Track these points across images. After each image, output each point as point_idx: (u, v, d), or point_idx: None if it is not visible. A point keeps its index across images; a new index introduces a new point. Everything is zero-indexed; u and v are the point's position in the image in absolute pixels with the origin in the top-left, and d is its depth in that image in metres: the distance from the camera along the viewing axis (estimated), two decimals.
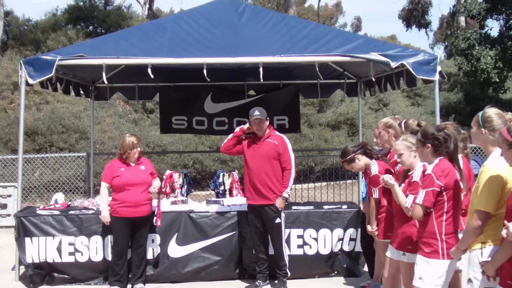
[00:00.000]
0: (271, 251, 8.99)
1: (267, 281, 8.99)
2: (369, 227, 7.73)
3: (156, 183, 9.06)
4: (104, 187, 8.89)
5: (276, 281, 8.90)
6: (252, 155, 8.83)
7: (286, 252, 8.96)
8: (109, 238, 9.06)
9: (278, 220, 8.76)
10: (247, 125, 8.93)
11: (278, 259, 8.88)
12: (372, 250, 8.22)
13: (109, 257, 9.04)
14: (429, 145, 5.72)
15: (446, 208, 5.57)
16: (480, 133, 5.17)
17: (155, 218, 8.99)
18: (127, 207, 8.70)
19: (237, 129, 9.03)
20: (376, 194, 7.42)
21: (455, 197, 5.62)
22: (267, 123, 8.87)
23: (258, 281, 8.94)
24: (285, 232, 8.94)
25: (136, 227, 8.85)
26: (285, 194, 8.74)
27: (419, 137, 5.83)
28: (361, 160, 7.89)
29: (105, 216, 8.79)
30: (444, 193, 5.54)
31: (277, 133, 9.00)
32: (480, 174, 4.99)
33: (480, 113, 5.23)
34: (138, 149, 8.90)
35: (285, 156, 8.77)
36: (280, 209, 8.75)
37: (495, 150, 5.01)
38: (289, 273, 8.90)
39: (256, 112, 8.76)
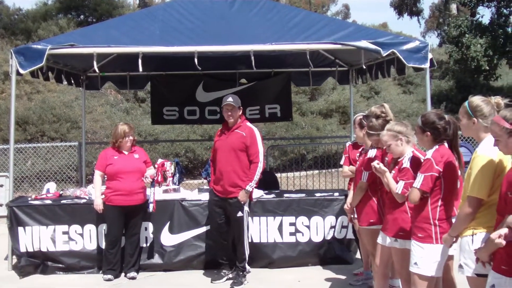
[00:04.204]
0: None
1: (233, 269, 8.88)
2: (346, 206, 7.81)
3: (151, 171, 9.09)
4: (97, 175, 8.93)
5: (235, 273, 8.77)
6: (220, 146, 8.66)
7: (247, 247, 8.73)
8: (103, 227, 9.08)
9: (240, 214, 8.54)
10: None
11: (239, 254, 8.72)
12: None
13: (103, 246, 9.07)
14: (429, 133, 5.75)
15: (442, 194, 5.61)
16: (472, 123, 5.16)
17: (150, 204, 8.96)
18: (120, 195, 8.75)
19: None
20: (365, 178, 7.38)
21: (451, 183, 5.65)
22: (240, 112, 8.70)
23: (224, 270, 8.85)
24: (248, 227, 8.76)
25: (130, 216, 8.88)
26: (248, 188, 8.48)
27: (420, 123, 5.84)
28: (364, 134, 7.59)
29: (98, 204, 8.82)
30: (442, 179, 5.59)
31: (248, 124, 8.76)
32: (473, 160, 5.01)
33: (465, 104, 5.23)
34: (130, 137, 8.92)
35: (253, 148, 8.53)
36: (242, 203, 8.55)
37: (487, 137, 5.03)
38: (248, 268, 8.74)
39: (230, 99, 8.61)
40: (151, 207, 8.98)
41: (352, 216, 7.78)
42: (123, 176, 8.78)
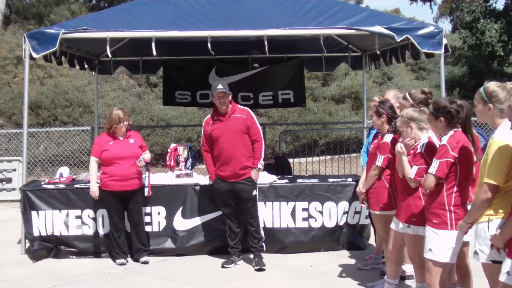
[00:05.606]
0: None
1: (241, 256, 8.99)
2: (358, 188, 7.78)
3: (146, 155, 9.09)
4: (93, 161, 8.97)
5: (252, 255, 8.87)
6: (221, 133, 8.62)
7: (261, 226, 8.92)
8: None
9: (255, 192, 8.74)
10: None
11: (255, 233, 8.82)
12: None
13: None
14: (442, 118, 5.71)
15: (458, 180, 5.60)
16: (488, 109, 5.10)
17: (146, 189, 9.02)
18: (116, 180, 8.78)
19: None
20: (380, 162, 7.32)
21: (467, 169, 5.64)
22: (230, 98, 8.70)
23: (233, 256, 8.90)
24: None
25: (127, 201, 8.93)
26: (259, 166, 8.69)
27: (432, 110, 5.81)
28: (382, 122, 7.41)
29: (94, 191, 8.87)
30: (458, 164, 5.57)
31: (240, 106, 8.88)
32: (489, 146, 4.96)
33: (481, 90, 5.17)
34: (125, 123, 8.91)
35: (254, 128, 8.69)
36: (256, 181, 8.73)
37: (503, 123, 4.99)
38: (265, 247, 8.88)
39: (220, 86, 8.61)
40: (146, 191, 9.03)
41: (363, 200, 7.72)
42: (118, 161, 8.79)
